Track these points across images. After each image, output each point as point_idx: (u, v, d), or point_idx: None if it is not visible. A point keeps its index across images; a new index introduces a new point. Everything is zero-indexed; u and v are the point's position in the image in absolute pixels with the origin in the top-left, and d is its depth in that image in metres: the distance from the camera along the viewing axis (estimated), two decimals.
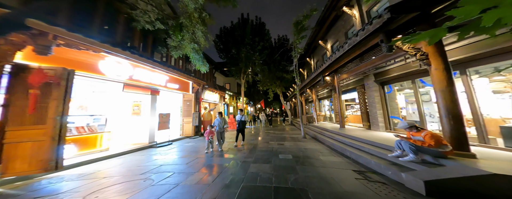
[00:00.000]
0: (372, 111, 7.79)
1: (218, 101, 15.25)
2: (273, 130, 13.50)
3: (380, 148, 4.99)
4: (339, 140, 7.10)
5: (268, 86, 19.04)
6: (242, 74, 16.39)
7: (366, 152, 5.18)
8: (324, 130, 9.82)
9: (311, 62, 18.08)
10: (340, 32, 11.30)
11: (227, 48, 16.46)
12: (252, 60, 16.12)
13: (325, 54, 13.86)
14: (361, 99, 8.77)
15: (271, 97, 19.64)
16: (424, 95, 5.71)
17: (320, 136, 9.05)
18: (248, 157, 5.81)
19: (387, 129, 7.17)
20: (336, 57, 7.13)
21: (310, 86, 13.37)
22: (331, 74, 9.18)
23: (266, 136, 10.66)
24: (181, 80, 9.32)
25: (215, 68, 16.44)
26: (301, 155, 5.94)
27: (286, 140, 9.10)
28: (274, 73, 18.45)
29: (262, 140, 9.17)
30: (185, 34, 6.17)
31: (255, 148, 7.28)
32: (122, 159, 5.46)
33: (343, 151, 6.11)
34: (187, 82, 9.95)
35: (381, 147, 5.01)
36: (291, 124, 18.39)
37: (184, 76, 9.19)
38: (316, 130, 10.76)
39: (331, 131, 8.90)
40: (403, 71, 5.97)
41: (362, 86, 8.65)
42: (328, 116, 14.54)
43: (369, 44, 5.04)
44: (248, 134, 11.06)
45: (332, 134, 8.20)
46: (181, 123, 9.72)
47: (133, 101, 7.13)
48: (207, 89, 12.37)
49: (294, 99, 24.82)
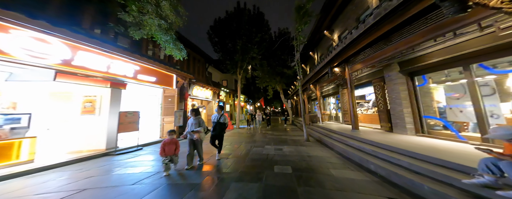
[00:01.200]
0: (396, 110, 5.96)
1: (211, 99, 13.51)
2: (272, 131, 11.71)
3: (434, 164, 3.18)
4: (355, 146, 5.31)
5: (268, 82, 17.23)
6: (238, 69, 14.61)
7: (404, 168, 3.38)
8: (331, 132, 8.00)
9: (315, 56, 16.22)
10: (350, 19, 9.44)
11: (222, 41, 14.68)
12: (249, 53, 14.30)
13: (330, 46, 11.98)
14: (380, 94, 6.93)
15: (270, 95, 17.83)
16: (483, 86, 3.86)
17: (326, 139, 7.24)
18: (232, 170, 4.09)
19: (419, 133, 5.34)
20: (353, 39, 5.31)
21: (314, 81, 11.54)
22: (341, 65, 7.35)
23: (263, 138, 8.90)
24: (159, 72, 7.59)
25: (209, 62, 14.68)
26: (304, 167, 4.24)
27: (286, 144, 7.35)
28: (273, 68, 16.64)
29: (256, 144, 7.43)
30: (146, 6, 4.42)
31: (245, 154, 5.54)
32: (42, 177, 3.74)
33: (362, 162, 4.34)
34: (169, 75, 8.21)
35: (434, 164, 3.20)
36: (292, 124, 16.58)
37: (163, 67, 7.45)
38: (321, 131, 8.95)
39: (340, 133, 7.08)
40: (451, 54, 4.13)
41: (381, 79, 6.81)
42: (334, 115, 12.69)
43: (414, 10, 3.23)
44: (242, 136, 9.29)
45: (343, 138, 6.39)
46: (161, 123, 8.01)
47: (84, 95, 5.39)
48: (196, 84, 10.61)
49: (296, 97, 22.97)
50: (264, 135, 9.75)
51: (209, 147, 5.34)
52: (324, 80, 11.15)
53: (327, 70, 8.53)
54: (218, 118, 4.64)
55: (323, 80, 11.27)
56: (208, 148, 5.82)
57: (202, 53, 13.18)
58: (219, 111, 4.74)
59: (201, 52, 13.03)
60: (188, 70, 11.36)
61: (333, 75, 7.78)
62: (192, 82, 10.03)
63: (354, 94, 7.04)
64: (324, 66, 8.52)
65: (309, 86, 12.53)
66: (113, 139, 5.38)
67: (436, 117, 5.02)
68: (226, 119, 4.64)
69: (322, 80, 11.46)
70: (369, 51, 5.92)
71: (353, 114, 6.80)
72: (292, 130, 11.96)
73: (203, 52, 13.23)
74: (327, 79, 10.55)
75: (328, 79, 10.34)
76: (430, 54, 4.72)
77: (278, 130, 11.83)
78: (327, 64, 7.97)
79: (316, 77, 10.52)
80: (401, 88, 5.69)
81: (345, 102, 10.05)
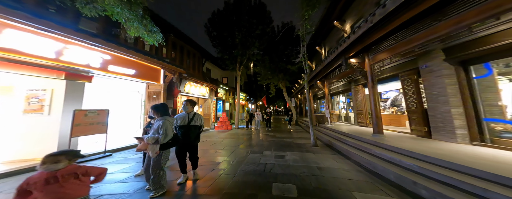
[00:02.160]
0: (437, 110, 4.47)
1: (208, 96, 12.14)
2: (274, 132, 10.28)
3: None
4: (384, 157, 3.88)
5: (270, 80, 15.78)
6: (238, 65, 13.21)
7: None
8: (344, 136, 6.53)
9: (322, 51, 14.70)
10: (367, 4, 7.92)
11: (221, 34, 13.27)
12: (249, 48, 12.88)
13: (341, 39, 10.45)
14: (411, 90, 5.44)
15: (272, 93, 16.37)
16: None
17: (339, 144, 5.81)
18: (212, 191, 2.77)
19: (476, 141, 3.86)
20: (384, 16, 3.85)
21: (321, 77, 10.05)
22: (359, 55, 5.88)
23: (262, 141, 7.49)
24: (141, 64, 6.23)
25: (206, 57, 13.30)
26: (315, 187, 3.10)
27: (289, 149, 6.00)
28: (276, 64, 15.17)
29: (254, 149, 6.06)
30: None
31: (237, 164, 4.20)
32: None
33: (404, 184, 2.94)
34: (155, 68, 6.86)
35: None
36: (296, 124, 15.12)
37: (145, 59, 6.08)
38: (331, 134, 7.49)
39: (358, 138, 5.61)
40: None
41: (412, 72, 5.32)
42: (344, 116, 11.19)
43: None
44: (238, 138, 7.89)
45: (363, 145, 4.93)
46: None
47: (28, 89, 4.04)
48: (188, 80, 9.23)
49: (300, 95, 21.46)
50: (265, 138, 8.34)
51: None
52: (334, 75, 9.66)
53: (340, 62, 7.05)
54: (188, 119, 3.01)
55: (333, 76, 9.77)
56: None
57: (197, 47, 11.82)
58: (189, 109, 3.09)
59: (197, 46, 11.67)
60: (182, 65, 10.00)
61: (349, 67, 6.30)
62: (183, 77, 8.65)
63: (376, 91, 5.55)
64: (336, 58, 7.03)
65: (316, 83, 11.05)
66: (65, 144, 4.03)
67: (505, 120, 3.51)
68: (201, 120, 3.16)
69: (331, 75, 9.96)
70: (400, 35, 4.44)
71: (376, 115, 5.32)
72: (296, 132, 10.51)
73: (199, 46, 11.88)
74: (338, 74, 9.05)
75: (340, 74, 8.85)
76: (500, 34, 3.23)
77: (280, 132, 10.40)
78: (341, 55, 6.49)
79: (324, 72, 9.03)
80: (448, 82, 4.20)
81: (359, 100, 8.56)
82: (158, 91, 6.79)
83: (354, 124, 9.32)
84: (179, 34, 9.34)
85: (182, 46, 10.14)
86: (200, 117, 3.18)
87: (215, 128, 11.92)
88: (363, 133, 6.22)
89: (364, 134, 6.06)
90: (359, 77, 8.43)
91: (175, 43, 9.40)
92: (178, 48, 9.69)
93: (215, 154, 5.39)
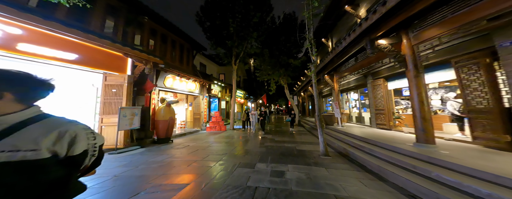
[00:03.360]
0: None
1: (198, 93, 10.40)
2: (273, 135, 8.50)
3: None
4: (454, 184, 2.05)
5: (270, 75, 13.99)
6: (233, 58, 11.45)
7: None
8: (366, 143, 4.72)
9: (328, 44, 12.87)
10: None
11: (214, 24, 11.52)
12: (246, 38, 11.11)
13: (355, 25, 8.59)
14: (480, 80, 3.60)
15: (273, 90, 14.59)
16: None
17: (360, 154, 4.05)
18: None
19: None
20: None
21: (331, 70, 8.24)
22: (393, 34, 4.08)
23: (258, 146, 5.75)
24: (90, 48, 4.50)
25: (196, 48, 11.55)
26: None
27: (291, 160, 4.34)
28: (277, 59, 13.37)
29: (244, 159, 4.37)
30: None
31: (214, 187, 2.44)
32: None
33: None
34: (115, 54, 5.11)
35: None
36: (299, 125, 13.33)
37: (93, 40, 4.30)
38: (345, 139, 5.69)
39: (394, 149, 3.81)
40: None
41: (483, 53, 3.49)
42: (356, 116, 9.38)
43: None
44: (229, 143, 6.15)
45: (405, 159, 3.15)
46: (99, 125, 4.91)
47: None
48: (170, 72, 7.49)
49: (303, 93, 19.62)
50: (261, 142, 6.59)
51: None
52: (346, 67, 7.84)
53: (359, 47, 5.25)
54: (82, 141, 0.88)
55: (345, 68, 7.95)
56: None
57: (186, 38, 10.08)
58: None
59: (186, 36, 9.93)
60: (165, 56, 8.28)
61: (376, 51, 4.48)
62: (162, 69, 6.91)
63: (423, 82, 3.71)
64: (354, 42, 5.22)
65: (323, 78, 9.24)
66: None
67: None
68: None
69: (342, 68, 8.14)
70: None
71: (422, 116, 3.51)
72: (299, 134, 8.74)
73: (189, 37, 10.14)
74: (352, 66, 7.23)
75: (355, 65, 7.03)
76: None
77: (280, 134, 8.62)
78: (363, 36, 4.68)
79: (336, 63, 7.22)
80: None
81: (380, 97, 6.74)
82: (120, 84, 5.07)
83: (370, 126, 7.51)
84: (159, 20, 7.61)
85: (165, 35, 8.40)
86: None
87: (207, 129, 10.21)
88: (393, 140, 4.42)
89: (395, 141, 4.26)
90: (379, 69, 6.61)
91: (154, 30, 7.66)
92: (159, 36, 7.96)
93: (186, 169, 3.66)
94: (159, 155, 4.76)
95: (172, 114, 6.63)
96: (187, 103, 10.62)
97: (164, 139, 6.30)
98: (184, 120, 10.52)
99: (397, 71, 5.86)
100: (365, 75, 7.65)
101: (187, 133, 9.11)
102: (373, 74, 7.09)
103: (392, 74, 6.17)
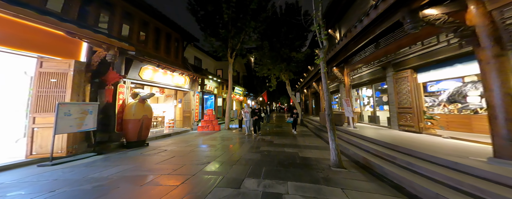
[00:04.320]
0: None
1: (188, 88, 9.07)
2: (272, 136, 7.09)
3: None
4: None
5: (270, 71, 12.57)
6: (229, 50, 10.07)
7: None
8: (402, 153, 3.25)
9: (336, 35, 11.35)
10: None
11: (207, 12, 10.11)
12: (243, 28, 9.72)
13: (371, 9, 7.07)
14: None
15: (273, 86, 13.18)
16: None
17: (394, 171, 2.63)
18: None
19: None
20: None
21: (340, 62, 6.78)
22: None
23: (252, 152, 4.40)
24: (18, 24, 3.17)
25: (187, 40, 10.19)
26: None
27: (292, 176, 3.14)
28: (278, 52, 11.92)
29: (231, 171, 3.11)
30: None
31: None
32: None
33: None
34: (57, 34, 3.75)
35: None
36: (301, 124, 11.91)
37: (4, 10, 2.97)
38: (362, 144, 4.26)
39: (468, 171, 2.33)
40: None
41: None
42: (370, 115, 7.92)
43: None
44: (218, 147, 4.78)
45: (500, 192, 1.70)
46: (29, 126, 3.58)
47: None
48: (147, 62, 6.12)
49: (306, 90, 18.13)
50: (256, 146, 5.23)
51: None
52: (360, 57, 6.37)
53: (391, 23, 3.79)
54: None
55: (358, 59, 6.49)
56: None
57: (175, 26, 8.72)
58: None
59: (174, 25, 8.58)
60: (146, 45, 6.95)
61: (420, 25, 3.01)
62: (135, 58, 5.56)
63: (510, 64, 2.27)
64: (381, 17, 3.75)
65: (332, 71, 7.78)
66: None
67: None
68: None
69: (355, 58, 6.69)
70: None
71: (508, 117, 2.08)
72: (302, 135, 7.33)
73: (177, 26, 8.78)
74: (369, 56, 5.75)
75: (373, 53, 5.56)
76: None
77: (280, 136, 7.21)
78: (397, 7, 3.20)
79: (350, 51, 5.76)
80: None
81: (405, 92, 5.28)
82: (63, 72, 3.74)
83: (389, 127, 6.07)
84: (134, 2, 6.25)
85: (146, 21, 7.04)
86: None
87: (198, 128, 8.91)
88: (439, 150, 3.00)
89: (443, 151, 2.84)
90: (405, 58, 5.14)
91: (129, 13, 6.28)
92: (137, 22, 6.60)
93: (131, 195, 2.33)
94: (112, 167, 3.45)
95: (148, 112, 5.31)
96: (176, 99, 9.32)
97: (136, 142, 5.00)
98: (172, 119, 9.24)
99: (433, 59, 4.39)
100: (384, 67, 6.17)
101: (174, 133, 7.83)
102: (396, 65, 5.61)
103: (425, 63, 4.70)
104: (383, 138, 4.32)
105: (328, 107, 3.90)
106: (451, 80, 5.83)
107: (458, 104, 5.73)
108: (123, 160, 3.92)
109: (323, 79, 4.13)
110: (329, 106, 3.89)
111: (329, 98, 4.02)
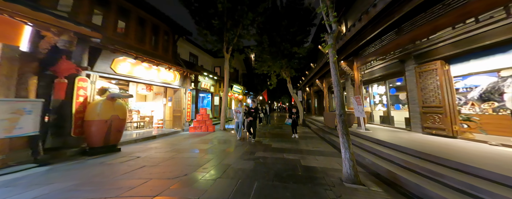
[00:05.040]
0: None
1: (179, 85, 8.11)
2: (270, 138, 6.06)
3: None
4: None
5: (271, 67, 11.56)
6: (225, 45, 9.10)
7: None
8: (450, 169, 2.18)
9: (342, 28, 10.31)
10: None
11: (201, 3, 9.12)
12: (239, 20, 8.75)
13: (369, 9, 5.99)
14: None
15: (273, 84, 12.16)
16: None
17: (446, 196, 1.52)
18: None
19: None
20: None
21: (352, 52, 5.73)
22: None
23: (243, 160, 3.36)
24: None
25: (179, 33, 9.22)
26: None
27: (293, 196, 1.95)
28: (278, 47, 10.89)
29: (212, 189, 2.39)
30: None
31: None
32: None
33: None
34: None
35: None
36: (303, 125, 10.88)
37: None
38: (383, 152, 3.20)
39: None
40: None
41: None
42: (382, 115, 6.85)
43: None
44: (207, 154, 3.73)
45: None
46: None
47: None
48: (122, 53, 5.13)
49: (308, 88, 17.05)
50: (251, 151, 4.23)
51: None
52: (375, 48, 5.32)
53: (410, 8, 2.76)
54: None
55: (372, 50, 5.44)
56: None
57: (163, 18, 7.76)
58: None
59: (162, 16, 7.62)
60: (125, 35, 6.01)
61: None
62: (105, 47, 4.59)
63: None
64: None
65: (339, 65, 6.72)
66: None
67: None
68: None
69: (368, 49, 5.64)
70: None
71: None
72: (304, 138, 6.31)
73: (166, 17, 7.81)
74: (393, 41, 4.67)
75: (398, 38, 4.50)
76: None
77: (279, 138, 6.18)
78: None
79: (365, 38, 4.72)
80: None
81: (433, 89, 4.21)
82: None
83: (408, 130, 5.00)
84: None
85: (126, 9, 6.09)
86: None
87: (190, 129, 7.96)
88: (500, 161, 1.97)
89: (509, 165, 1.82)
90: (433, 47, 4.08)
91: None
92: (114, 9, 5.65)
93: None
94: (41, 186, 2.48)
95: (119, 112, 4.35)
96: (165, 97, 8.37)
97: (103, 147, 4.05)
98: (161, 119, 8.29)
99: (478, 45, 3.32)
100: (402, 60, 5.10)
101: (160, 135, 6.89)
102: (419, 57, 4.54)
103: (462, 52, 3.63)
104: (409, 145, 3.28)
105: (340, 106, 2.90)
106: (484, 74, 4.76)
107: (494, 102, 4.66)
108: (69, 173, 2.97)
109: (333, 71, 3.13)
110: (342, 104, 2.89)
111: (341, 94, 3.02)
